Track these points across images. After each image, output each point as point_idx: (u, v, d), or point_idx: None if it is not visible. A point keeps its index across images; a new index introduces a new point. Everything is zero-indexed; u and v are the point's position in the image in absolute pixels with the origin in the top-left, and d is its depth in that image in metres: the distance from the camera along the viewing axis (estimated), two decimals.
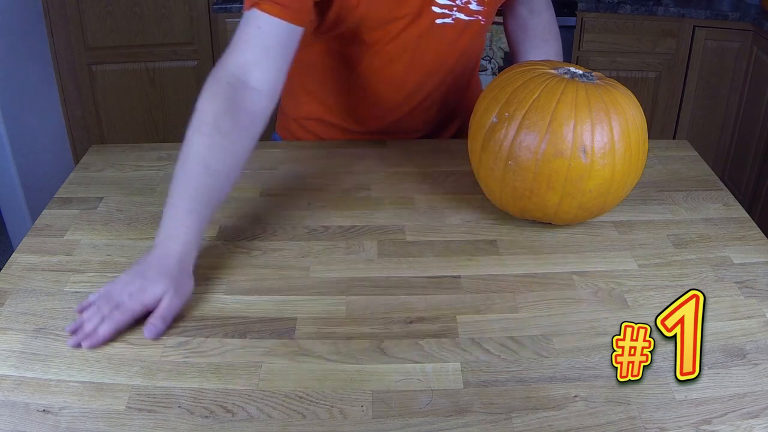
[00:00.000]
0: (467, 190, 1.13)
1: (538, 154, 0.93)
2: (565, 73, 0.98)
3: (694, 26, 2.61)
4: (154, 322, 0.81)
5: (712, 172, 1.23)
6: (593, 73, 1.00)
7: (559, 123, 0.92)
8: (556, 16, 1.31)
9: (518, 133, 0.94)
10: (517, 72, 1.00)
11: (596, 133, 0.92)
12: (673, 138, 2.80)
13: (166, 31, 2.63)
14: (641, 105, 0.99)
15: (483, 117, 0.99)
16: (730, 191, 1.19)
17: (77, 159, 2.29)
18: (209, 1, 2.60)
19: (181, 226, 0.86)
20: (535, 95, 0.94)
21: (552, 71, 0.98)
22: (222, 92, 0.90)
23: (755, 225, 1.07)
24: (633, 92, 1.00)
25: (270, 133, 1.39)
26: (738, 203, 1.13)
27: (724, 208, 1.12)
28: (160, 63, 2.68)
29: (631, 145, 0.95)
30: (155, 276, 0.83)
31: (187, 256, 0.86)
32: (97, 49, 2.61)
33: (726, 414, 0.73)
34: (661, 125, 2.82)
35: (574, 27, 2.61)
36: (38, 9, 2.48)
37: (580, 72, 0.99)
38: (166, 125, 2.76)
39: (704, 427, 0.71)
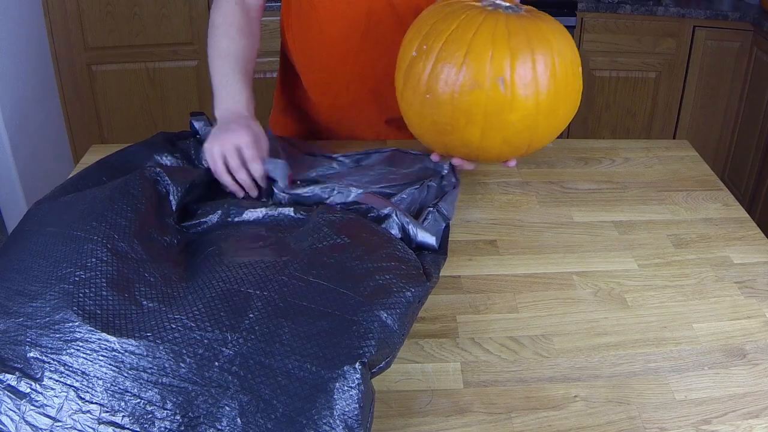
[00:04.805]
0: (467, 190, 1.13)
1: (455, 87, 0.90)
2: (489, 5, 0.96)
3: (694, 26, 2.61)
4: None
5: (712, 172, 1.23)
6: (523, 7, 0.97)
7: (476, 54, 0.89)
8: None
9: (435, 65, 0.92)
10: (442, 5, 0.98)
11: (517, 65, 0.89)
12: (673, 138, 2.80)
13: (166, 31, 2.63)
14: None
15: (405, 51, 0.97)
16: (730, 191, 1.19)
17: (77, 159, 2.29)
18: (209, 1, 2.60)
19: (239, 93, 1.10)
20: (453, 27, 0.92)
21: (475, 4, 0.96)
22: (231, 7, 1.17)
23: (755, 225, 1.07)
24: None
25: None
26: (738, 203, 1.13)
27: (724, 208, 1.12)
28: (160, 63, 2.68)
29: (557, 78, 0.92)
30: (237, 127, 1.04)
31: (250, 104, 1.10)
32: (97, 49, 2.61)
33: (726, 414, 0.73)
34: (661, 125, 2.82)
35: (574, 27, 2.60)
36: (38, 9, 2.48)
37: (505, 4, 0.96)
38: (166, 125, 2.76)
39: (704, 427, 0.71)
